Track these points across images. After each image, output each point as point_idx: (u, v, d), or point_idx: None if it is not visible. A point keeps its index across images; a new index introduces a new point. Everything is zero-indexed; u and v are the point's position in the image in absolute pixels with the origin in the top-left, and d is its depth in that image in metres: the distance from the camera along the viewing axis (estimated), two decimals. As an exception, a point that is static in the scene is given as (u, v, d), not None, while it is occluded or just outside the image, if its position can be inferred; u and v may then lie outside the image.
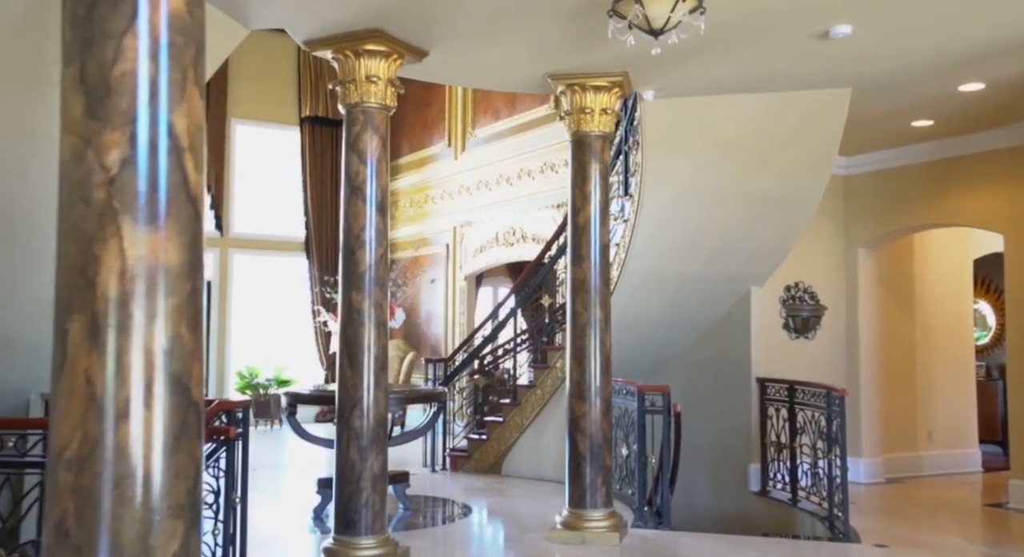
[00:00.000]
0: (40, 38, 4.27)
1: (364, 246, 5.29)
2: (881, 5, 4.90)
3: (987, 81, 6.26)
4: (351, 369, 5.26)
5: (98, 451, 1.78)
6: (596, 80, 5.98)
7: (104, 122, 1.81)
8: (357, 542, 5.13)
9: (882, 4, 4.88)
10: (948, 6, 4.92)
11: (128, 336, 1.80)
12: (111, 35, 1.82)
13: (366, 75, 5.28)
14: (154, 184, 1.83)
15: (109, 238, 1.80)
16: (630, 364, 7.91)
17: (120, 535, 1.77)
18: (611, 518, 5.97)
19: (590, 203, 6.10)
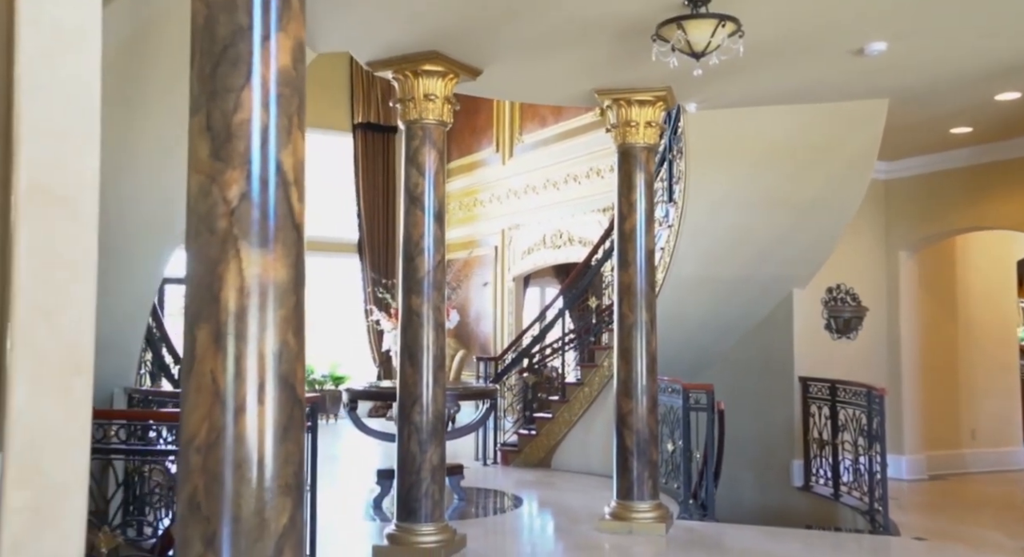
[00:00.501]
0: (136, 62, 4.66)
1: (423, 253, 5.62)
2: (915, 22, 5.09)
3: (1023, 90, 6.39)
4: (411, 368, 5.59)
5: (221, 438, 2.11)
6: (641, 95, 6.24)
7: (226, 162, 2.14)
8: (418, 529, 5.47)
9: (916, 21, 5.07)
10: (980, 21, 5.09)
11: (245, 342, 2.13)
12: (232, 89, 2.15)
13: (424, 94, 5.61)
14: (266, 214, 2.16)
15: (230, 260, 2.13)
16: (676, 363, 8.15)
17: (240, 509, 2.10)
18: (657, 510, 6.23)
19: (636, 211, 6.37)
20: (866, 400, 7.04)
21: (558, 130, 12.28)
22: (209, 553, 2.09)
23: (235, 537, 2.09)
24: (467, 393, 7.73)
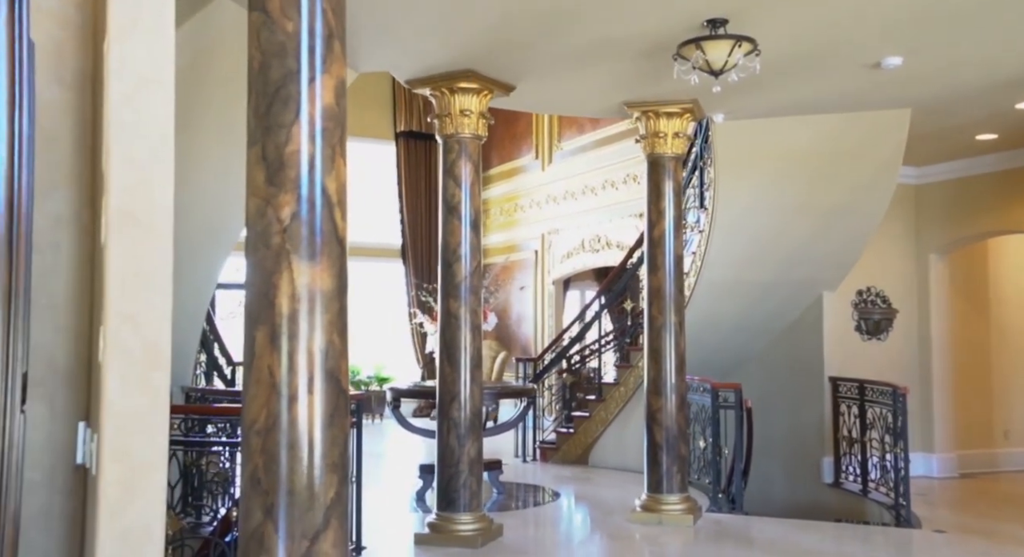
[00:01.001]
0: (195, 87, 5.05)
1: (460, 259, 5.95)
2: (929, 38, 5.28)
3: (1044, 98, 6.53)
4: (450, 367, 5.92)
5: (278, 424, 2.44)
6: (668, 107, 6.50)
7: (279, 187, 2.48)
8: (457, 518, 5.79)
9: (930, 36, 5.26)
10: (993, 35, 5.26)
11: (296, 341, 2.46)
12: (283, 125, 2.48)
13: (460, 109, 5.94)
14: (313, 231, 2.49)
15: (283, 271, 2.46)
16: (712, 363, 8.38)
17: (294, 484, 2.43)
18: (686, 502, 6.48)
19: (664, 218, 6.63)
20: (891, 399, 7.21)
21: (596, 137, 12.53)
22: (268, 521, 2.42)
23: (290, 508, 2.43)
24: (505, 392, 8.05)
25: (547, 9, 4.83)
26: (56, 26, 2.65)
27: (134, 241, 2.28)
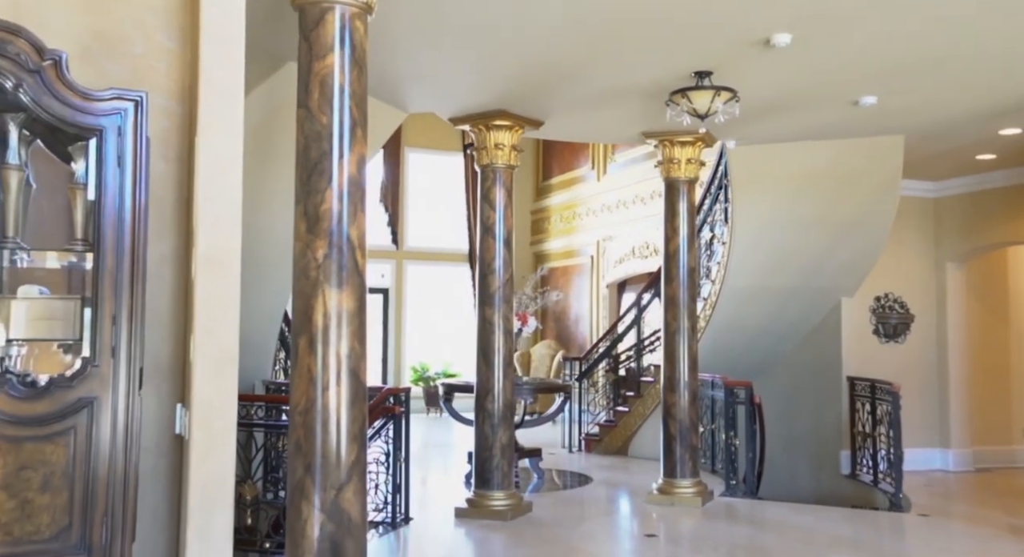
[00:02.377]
0: (266, 137, 6.03)
1: (494, 273, 6.80)
2: (900, 81, 5.87)
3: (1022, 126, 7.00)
4: (485, 365, 6.78)
5: (314, 406, 3.32)
6: (681, 136, 7.22)
7: (316, 235, 3.36)
8: (491, 494, 6.65)
9: (900, 81, 5.85)
10: (959, 77, 5.80)
11: (328, 347, 3.34)
12: (319, 190, 3.36)
13: (494, 143, 6.78)
14: (340, 267, 3.36)
15: (318, 296, 3.34)
16: (740, 365, 9.01)
17: (325, 449, 3.31)
18: (697, 486, 7.20)
19: (678, 235, 7.35)
20: (890, 396, 7.76)
21: (646, 150, 13.10)
22: (307, 476, 3.31)
23: (323, 466, 3.31)
24: (541, 387, 8.88)
25: (560, 62, 5.63)
26: (164, 118, 3.59)
27: (214, 277, 3.20)
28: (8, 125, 3.26)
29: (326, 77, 3.40)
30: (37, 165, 3.40)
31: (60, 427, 3.06)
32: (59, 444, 3.06)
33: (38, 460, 3.03)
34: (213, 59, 3.26)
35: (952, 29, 4.88)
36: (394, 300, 16.46)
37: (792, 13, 4.68)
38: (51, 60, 3.10)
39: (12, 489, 2.98)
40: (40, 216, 3.42)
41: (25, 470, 3.01)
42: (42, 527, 3.03)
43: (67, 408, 3.07)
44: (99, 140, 3.17)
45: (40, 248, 3.33)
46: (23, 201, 3.35)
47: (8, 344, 3.21)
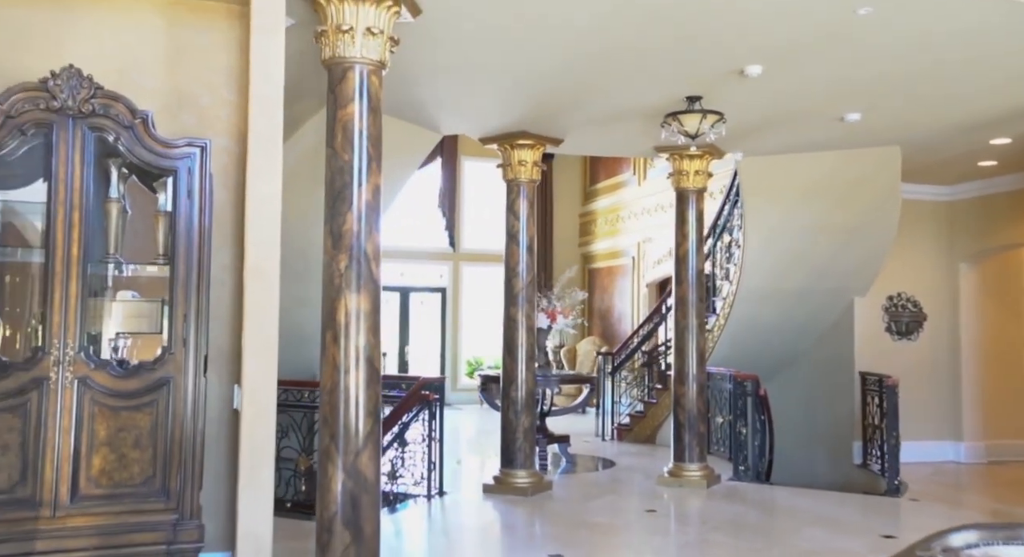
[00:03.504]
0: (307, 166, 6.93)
1: (518, 276, 7.59)
2: (879, 99, 6.46)
3: (1013, 136, 7.47)
4: (509, 358, 7.58)
5: (338, 387, 4.17)
6: (690, 150, 7.90)
7: (339, 250, 4.21)
8: (514, 473, 7.45)
9: (880, 97, 6.44)
10: (932, 92, 6.34)
11: (349, 340, 4.18)
12: (342, 213, 4.21)
13: (518, 160, 7.58)
14: (359, 275, 4.20)
15: (341, 299, 4.19)
16: (760, 361, 9.62)
17: (347, 421, 4.15)
18: (703, 470, 7.88)
19: (688, 240, 8.04)
20: (887, 389, 8.30)
21: (681, 157, 13.81)
22: (332, 444, 4.16)
23: (344, 436, 4.15)
24: (565, 379, 9.65)
25: (568, 90, 6.40)
26: (225, 155, 4.50)
27: (259, 284, 4.08)
28: (110, 167, 4.21)
29: (347, 123, 4.25)
30: (133, 195, 4.36)
31: (146, 399, 3.98)
32: (145, 413, 3.98)
33: (131, 424, 3.95)
34: (258, 114, 4.14)
35: (916, 52, 5.39)
36: (451, 299, 17.37)
37: (760, 48, 5.35)
38: (140, 119, 4.02)
39: (113, 445, 3.91)
40: (135, 236, 4.37)
41: (122, 432, 3.94)
42: (134, 475, 3.96)
43: (151, 385, 3.99)
44: (174, 178, 4.09)
45: (134, 261, 4.27)
46: (121, 225, 4.30)
47: (115, 336, 4.17)
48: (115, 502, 3.91)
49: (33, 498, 3.80)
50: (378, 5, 4.25)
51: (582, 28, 5.04)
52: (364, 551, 4.17)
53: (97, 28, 4.42)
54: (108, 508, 3.90)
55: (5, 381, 3.79)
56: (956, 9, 4.70)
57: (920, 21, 4.86)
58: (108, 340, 4.16)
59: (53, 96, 3.89)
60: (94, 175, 4.05)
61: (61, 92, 3.90)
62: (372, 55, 4.28)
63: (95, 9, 4.42)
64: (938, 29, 4.97)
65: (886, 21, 4.82)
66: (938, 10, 4.72)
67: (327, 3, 4.23)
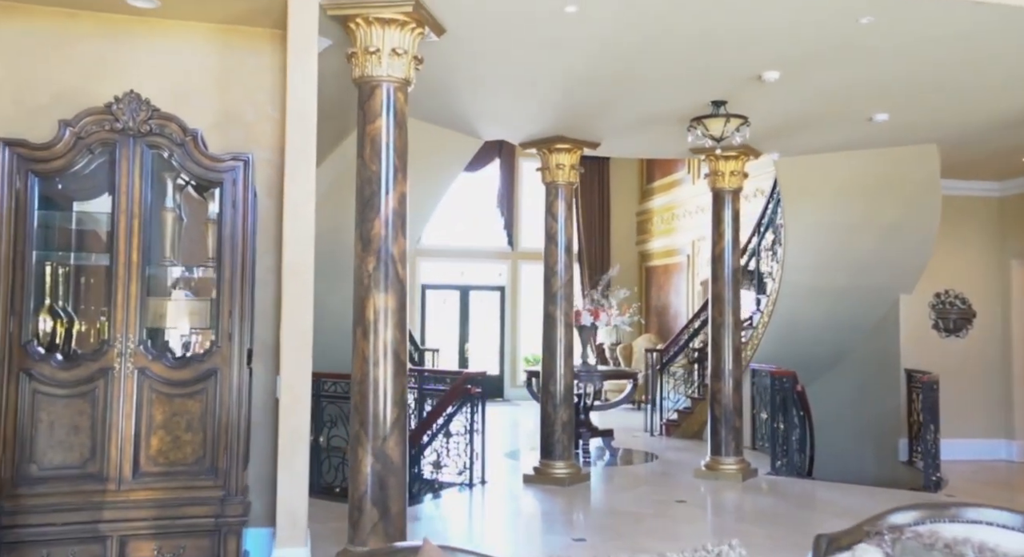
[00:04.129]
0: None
1: (556, 275, 7.92)
2: (903, 99, 6.59)
3: (1051, 132, 7.48)
4: (548, 354, 7.92)
5: (368, 378, 4.59)
6: (726, 151, 8.10)
7: (368, 252, 4.62)
8: (553, 464, 7.79)
9: (907, 97, 6.56)
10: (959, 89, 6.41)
11: (377, 336, 4.59)
12: (370, 219, 4.62)
13: (556, 164, 7.91)
14: (386, 276, 4.60)
15: (370, 298, 4.60)
16: (808, 358, 9.73)
17: (376, 409, 4.57)
18: (739, 464, 8.09)
19: (723, 239, 8.25)
20: (924, 385, 8.36)
21: (733, 156, 13.93)
22: (361, 429, 4.58)
23: (374, 423, 4.56)
24: (608, 374, 9.92)
25: (597, 98, 6.70)
26: (268, 167, 4.97)
27: (294, 283, 4.53)
28: (167, 180, 4.71)
29: (375, 136, 4.67)
30: (190, 205, 4.85)
31: (197, 388, 4.46)
32: (196, 400, 4.47)
33: (183, 410, 4.44)
34: (293, 128, 4.59)
35: (929, 54, 5.53)
36: (510, 297, 17.76)
37: (775, 55, 5.58)
38: (191, 136, 4.50)
39: (168, 428, 4.41)
40: (190, 241, 4.87)
41: (175, 416, 4.43)
42: (187, 455, 4.44)
43: (201, 375, 4.47)
44: (220, 189, 4.56)
45: (188, 264, 4.77)
46: (177, 231, 4.81)
47: (172, 331, 4.68)
48: (170, 479, 4.40)
49: (101, 473, 4.32)
50: (403, 27, 4.65)
51: (601, 43, 5.35)
52: (391, 528, 4.58)
53: (157, 55, 4.93)
54: (164, 484, 4.39)
55: (77, 370, 4.32)
56: (942, 17, 4.86)
57: (915, 28, 5.04)
58: (165, 335, 4.65)
59: (116, 118, 4.40)
60: (153, 186, 4.55)
61: (123, 114, 4.41)
62: (398, 73, 4.68)
63: (155, 38, 4.93)
64: (936, 33, 5.13)
65: (890, 28, 5.01)
66: (930, 17, 4.89)
67: (356, 27, 4.64)
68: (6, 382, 4.20)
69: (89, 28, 4.83)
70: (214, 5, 4.76)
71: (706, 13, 4.87)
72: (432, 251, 17.26)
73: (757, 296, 10.65)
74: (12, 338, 4.22)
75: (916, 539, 2.81)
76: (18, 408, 4.22)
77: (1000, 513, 2.81)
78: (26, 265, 4.30)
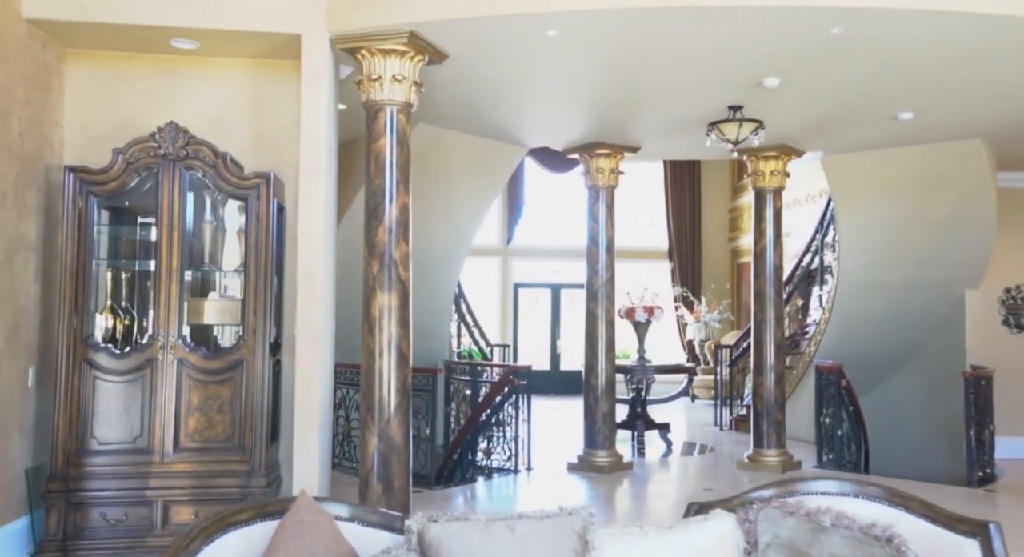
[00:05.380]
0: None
1: (597, 274, 8.28)
2: (926, 99, 6.57)
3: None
4: (590, 349, 8.28)
5: (373, 367, 5.13)
6: (766, 151, 8.23)
7: (373, 257, 5.17)
8: (595, 453, 8.16)
9: (926, 98, 6.55)
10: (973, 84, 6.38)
11: (381, 331, 5.13)
12: (376, 227, 5.16)
13: (595, 168, 8.26)
14: (389, 278, 5.13)
15: (375, 297, 5.15)
16: (876, 354, 9.64)
17: (381, 395, 5.10)
18: (781, 456, 8.21)
19: (765, 237, 8.38)
20: (982, 381, 8.21)
21: (814, 154, 13.78)
22: (368, 413, 5.13)
23: (379, 407, 5.11)
24: (661, 368, 10.14)
25: (625, 107, 7.03)
26: (294, 182, 5.60)
27: (308, 285, 5.14)
28: (204, 196, 5.41)
29: (379, 154, 5.21)
30: (232, 216, 5.54)
31: (227, 376, 5.14)
32: (226, 386, 5.15)
33: (216, 395, 5.13)
34: (307, 152, 5.20)
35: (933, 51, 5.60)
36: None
37: (774, 63, 5.77)
38: (221, 159, 5.18)
39: (202, 410, 5.10)
40: (229, 249, 5.57)
41: (209, 400, 5.12)
42: (219, 434, 5.13)
43: (230, 365, 5.14)
44: (246, 203, 5.23)
45: (224, 269, 5.47)
46: (217, 240, 5.51)
47: (207, 327, 5.39)
48: (205, 454, 5.10)
49: (148, 448, 5.06)
50: (402, 57, 5.17)
51: (600, 60, 5.71)
52: (394, 501, 5.11)
53: (199, 89, 5.65)
54: (200, 458, 5.09)
55: (128, 360, 5.08)
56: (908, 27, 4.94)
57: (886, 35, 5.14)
58: (201, 330, 5.36)
59: (158, 145, 5.13)
60: (195, 202, 5.27)
61: (164, 142, 5.13)
62: (399, 97, 5.21)
63: (197, 74, 5.65)
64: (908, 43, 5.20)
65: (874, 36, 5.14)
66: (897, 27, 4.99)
67: (363, 58, 5.20)
68: (71, 370, 5.00)
69: (142, 68, 5.59)
70: (245, 43, 5.42)
71: (691, 25, 5.11)
72: (524, 251, 17.79)
73: (819, 292, 10.62)
74: (76, 333, 5.01)
75: (781, 507, 3.10)
76: (81, 392, 5.01)
77: (838, 483, 3.11)
78: (87, 271, 5.08)
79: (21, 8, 4.98)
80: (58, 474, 4.94)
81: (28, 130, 5.07)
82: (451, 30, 5.10)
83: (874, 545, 2.92)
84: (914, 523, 3.06)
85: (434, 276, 9.23)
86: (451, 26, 5.04)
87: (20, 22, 4.98)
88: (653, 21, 5.03)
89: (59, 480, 4.93)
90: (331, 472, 5.83)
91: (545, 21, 4.97)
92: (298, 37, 5.24)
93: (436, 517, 2.76)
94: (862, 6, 4.70)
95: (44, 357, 5.18)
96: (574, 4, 4.83)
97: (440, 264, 9.16)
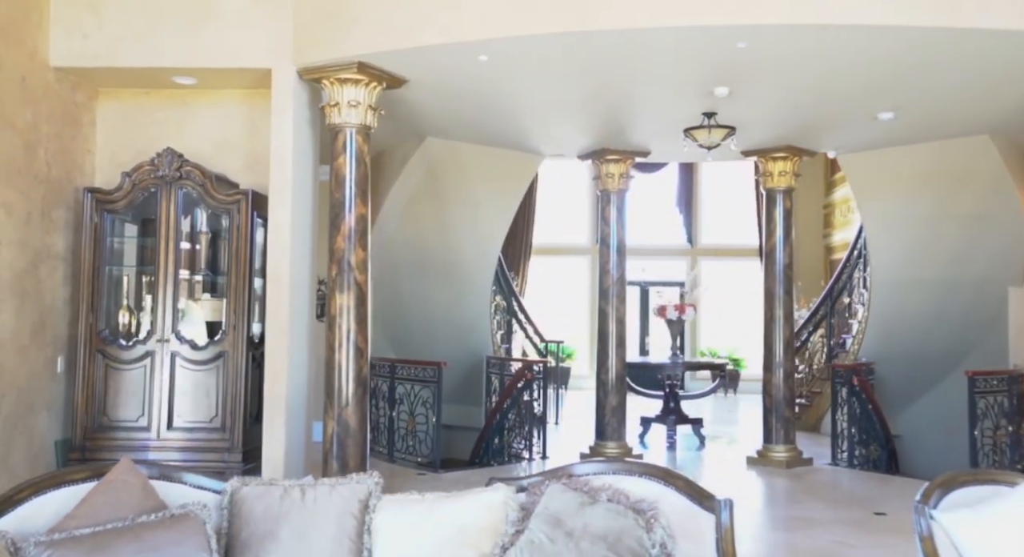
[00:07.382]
0: (436, 185, 8.56)
1: (608, 273, 8.56)
2: (904, 97, 6.48)
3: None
4: (601, 346, 8.58)
5: (333, 359, 5.71)
6: (775, 152, 8.26)
7: (333, 261, 5.76)
8: (605, 444, 8.46)
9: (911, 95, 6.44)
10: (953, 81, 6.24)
11: (339, 327, 5.72)
12: (336, 235, 5.76)
13: (606, 173, 8.54)
14: (346, 282, 5.71)
15: (334, 297, 5.73)
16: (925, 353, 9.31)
17: (340, 384, 5.68)
18: (789, 452, 8.21)
19: (774, 236, 8.40)
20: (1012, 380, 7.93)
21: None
22: (327, 399, 5.74)
23: (337, 395, 5.70)
24: (692, 365, 10.22)
25: (607, 116, 7.32)
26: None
27: (276, 287, 5.81)
28: (197, 211, 6.19)
29: (339, 170, 5.80)
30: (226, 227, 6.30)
31: (212, 366, 5.90)
32: (211, 374, 5.90)
33: (203, 382, 5.89)
34: (276, 167, 5.86)
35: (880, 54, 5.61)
36: (689, 292, 18.04)
37: (721, 75, 5.94)
38: (208, 178, 5.95)
39: (192, 395, 5.88)
40: (216, 255, 6.34)
41: (198, 387, 5.89)
42: (204, 416, 5.89)
43: (215, 356, 5.89)
44: (229, 216, 5.96)
45: (214, 273, 6.24)
46: (210, 248, 6.29)
47: (197, 323, 6.18)
48: (194, 432, 5.87)
49: (148, 426, 5.88)
50: (357, 84, 5.73)
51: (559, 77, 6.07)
52: (350, 478, 5.69)
53: (204, 117, 6.44)
54: (189, 436, 5.87)
55: (133, 351, 5.92)
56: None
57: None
58: (192, 326, 6.14)
59: (157, 168, 5.95)
60: (191, 216, 6.07)
61: (162, 165, 5.95)
62: (355, 120, 5.78)
63: (202, 104, 6.44)
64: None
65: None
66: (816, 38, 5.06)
67: (324, 87, 5.81)
68: (88, 359, 5.89)
69: (158, 101, 6.44)
70: (235, 77, 6.15)
71: (626, 45, 5.39)
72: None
73: (862, 290, 10.38)
74: (91, 328, 5.90)
75: (569, 482, 3.43)
76: (95, 378, 5.90)
77: (600, 465, 3.42)
78: (101, 276, 5.96)
79: (49, 58, 5.91)
80: (77, 446, 5.84)
81: (55, 159, 5.98)
82: (394, 59, 5.61)
83: (630, 516, 3.22)
84: (677, 499, 3.29)
85: (467, 278, 9.74)
86: (392, 56, 5.55)
87: (48, 70, 5.90)
88: (577, 42, 5.32)
89: (78, 451, 5.83)
90: (370, 459, 6.47)
91: (473, 49, 5.40)
92: (270, 71, 5.91)
93: (248, 481, 3.33)
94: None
95: (71, 348, 6.11)
96: (493, 32, 5.23)
97: (471, 267, 9.65)
